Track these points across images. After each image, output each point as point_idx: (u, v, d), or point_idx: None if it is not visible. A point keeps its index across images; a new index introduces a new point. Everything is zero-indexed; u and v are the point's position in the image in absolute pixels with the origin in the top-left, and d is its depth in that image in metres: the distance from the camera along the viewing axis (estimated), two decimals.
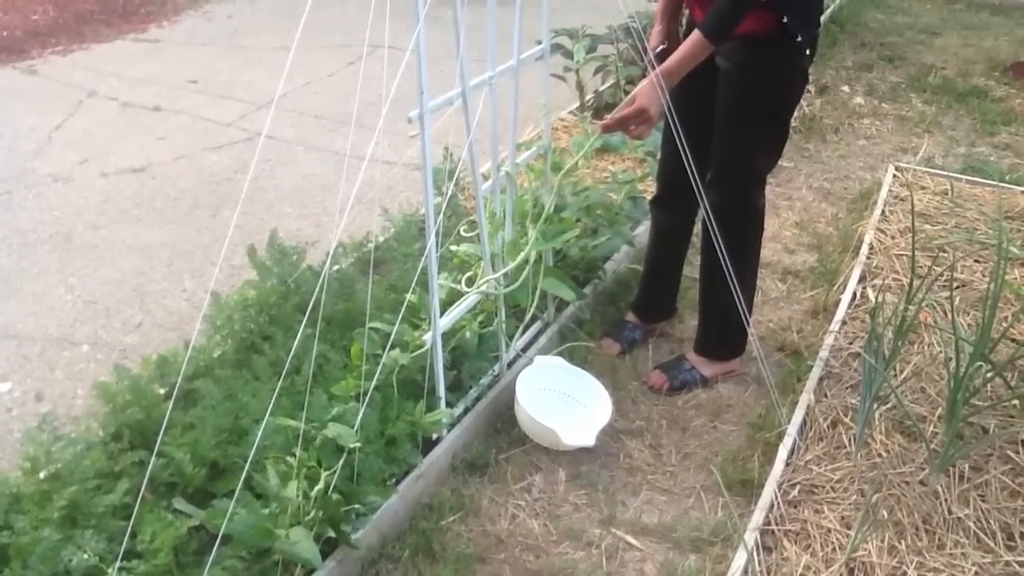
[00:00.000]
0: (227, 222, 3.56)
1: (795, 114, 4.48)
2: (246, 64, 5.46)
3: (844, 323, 2.81)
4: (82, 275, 3.23)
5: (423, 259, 2.07)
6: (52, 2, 6.56)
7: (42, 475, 1.91)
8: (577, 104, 4.44)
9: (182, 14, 6.49)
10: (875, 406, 2.34)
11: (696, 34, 2.10)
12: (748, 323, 2.43)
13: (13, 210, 3.67)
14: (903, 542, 2.02)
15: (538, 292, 2.48)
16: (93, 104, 4.81)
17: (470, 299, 2.33)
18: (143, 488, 1.74)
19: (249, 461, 1.74)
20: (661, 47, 2.39)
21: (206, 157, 4.19)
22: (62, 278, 3.21)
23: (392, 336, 2.11)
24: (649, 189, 3.22)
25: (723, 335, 2.60)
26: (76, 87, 5.02)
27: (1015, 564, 1.97)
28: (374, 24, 1.74)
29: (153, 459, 1.77)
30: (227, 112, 4.70)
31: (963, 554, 2.00)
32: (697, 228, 2.69)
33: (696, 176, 2.20)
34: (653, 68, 2.12)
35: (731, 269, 2.26)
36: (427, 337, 2.16)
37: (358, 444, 1.93)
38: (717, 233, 2.25)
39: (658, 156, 2.68)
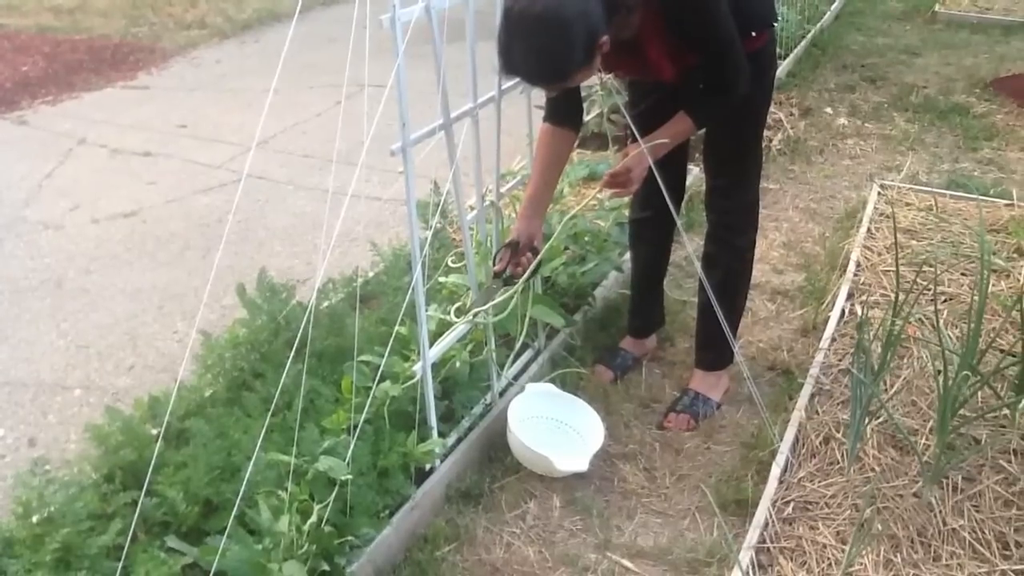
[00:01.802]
0: (218, 263, 3.58)
1: (780, 136, 4.56)
2: (235, 107, 5.51)
3: (834, 340, 2.82)
4: (74, 320, 3.24)
5: (411, 291, 2.08)
6: (42, 53, 6.63)
7: (35, 519, 1.91)
8: None
9: (171, 61, 6.55)
10: (866, 421, 2.34)
11: (688, 120, 2.17)
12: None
13: (4, 258, 3.69)
14: (899, 555, 2.02)
15: (527, 320, 2.49)
16: (83, 152, 4.84)
17: (459, 329, 2.34)
18: (132, 527, 1.74)
19: (240, 496, 1.74)
20: (508, 266, 2.32)
21: (196, 200, 4.21)
22: (54, 324, 3.22)
23: (382, 368, 2.12)
24: None
25: (723, 339, 2.58)
26: (66, 135, 5.06)
27: (1011, 573, 1.97)
28: (362, 64, 1.77)
29: (143, 498, 1.77)
30: (217, 155, 4.73)
31: (959, 565, 2.00)
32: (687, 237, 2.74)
33: (667, 187, 2.21)
34: (632, 132, 2.16)
35: (739, 270, 2.54)
36: (417, 368, 2.17)
37: (350, 476, 1.94)
38: (729, 238, 2.50)
39: None
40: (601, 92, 4.28)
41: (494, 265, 2.33)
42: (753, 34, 2.20)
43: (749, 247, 2.57)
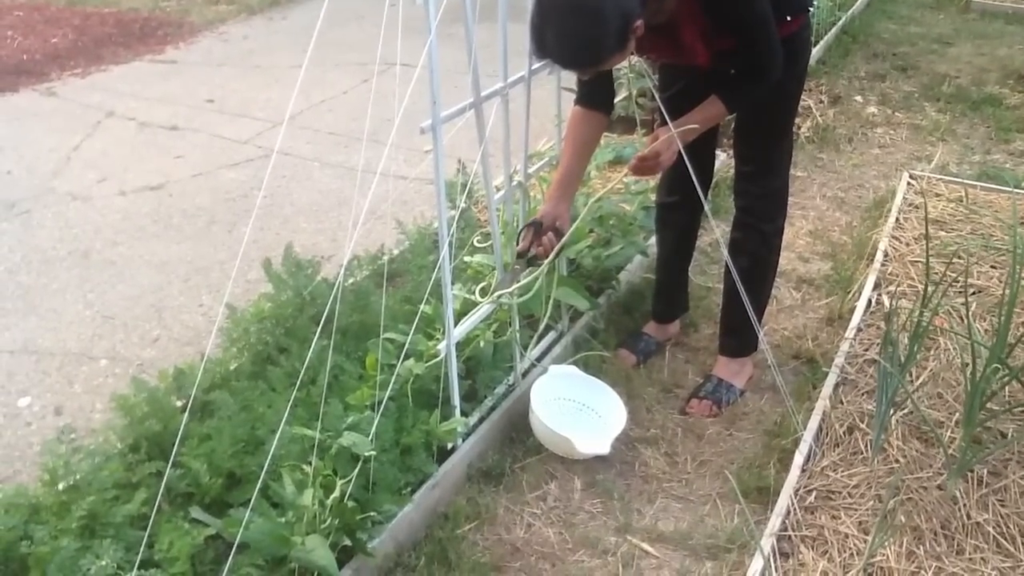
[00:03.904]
0: (244, 238, 3.59)
1: (809, 124, 4.51)
2: (262, 83, 5.51)
3: (859, 330, 2.79)
4: (100, 291, 3.27)
5: (437, 270, 2.08)
6: (71, 26, 6.66)
7: (61, 486, 1.93)
8: None
9: (199, 35, 6.57)
10: (892, 411, 2.32)
11: (719, 104, 2.14)
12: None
13: (33, 228, 3.72)
14: (921, 547, 2.01)
15: (552, 302, 2.48)
16: (111, 124, 4.87)
17: (484, 309, 2.33)
18: (159, 498, 1.75)
19: (265, 470, 1.75)
20: (532, 246, 2.30)
21: (223, 174, 4.23)
22: (81, 294, 3.25)
23: (406, 346, 2.12)
24: None
25: (748, 325, 2.56)
26: (94, 108, 5.09)
27: None
28: (390, 42, 1.76)
29: (168, 469, 1.79)
30: (244, 130, 4.75)
31: (983, 559, 1.98)
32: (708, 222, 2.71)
33: (695, 172, 2.19)
34: (662, 115, 2.14)
35: (766, 257, 2.53)
36: (441, 347, 2.17)
37: (373, 452, 1.95)
38: (756, 224, 2.47)
39: None
40: (630, 75, 4.25)
41: (517, 245, 2.32)
42: (788, 19, 2.18)
43: (776, 234, 2.55)
